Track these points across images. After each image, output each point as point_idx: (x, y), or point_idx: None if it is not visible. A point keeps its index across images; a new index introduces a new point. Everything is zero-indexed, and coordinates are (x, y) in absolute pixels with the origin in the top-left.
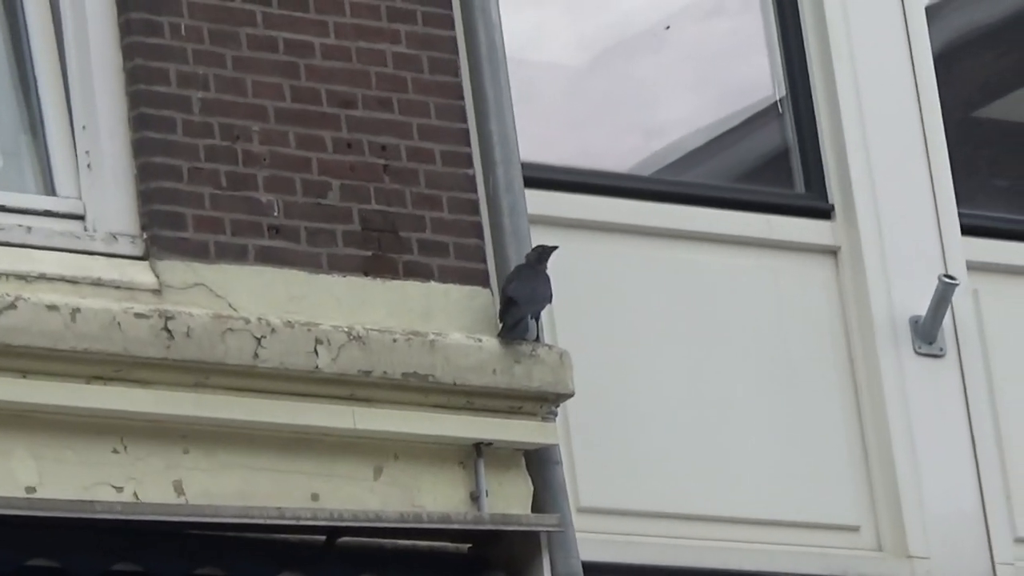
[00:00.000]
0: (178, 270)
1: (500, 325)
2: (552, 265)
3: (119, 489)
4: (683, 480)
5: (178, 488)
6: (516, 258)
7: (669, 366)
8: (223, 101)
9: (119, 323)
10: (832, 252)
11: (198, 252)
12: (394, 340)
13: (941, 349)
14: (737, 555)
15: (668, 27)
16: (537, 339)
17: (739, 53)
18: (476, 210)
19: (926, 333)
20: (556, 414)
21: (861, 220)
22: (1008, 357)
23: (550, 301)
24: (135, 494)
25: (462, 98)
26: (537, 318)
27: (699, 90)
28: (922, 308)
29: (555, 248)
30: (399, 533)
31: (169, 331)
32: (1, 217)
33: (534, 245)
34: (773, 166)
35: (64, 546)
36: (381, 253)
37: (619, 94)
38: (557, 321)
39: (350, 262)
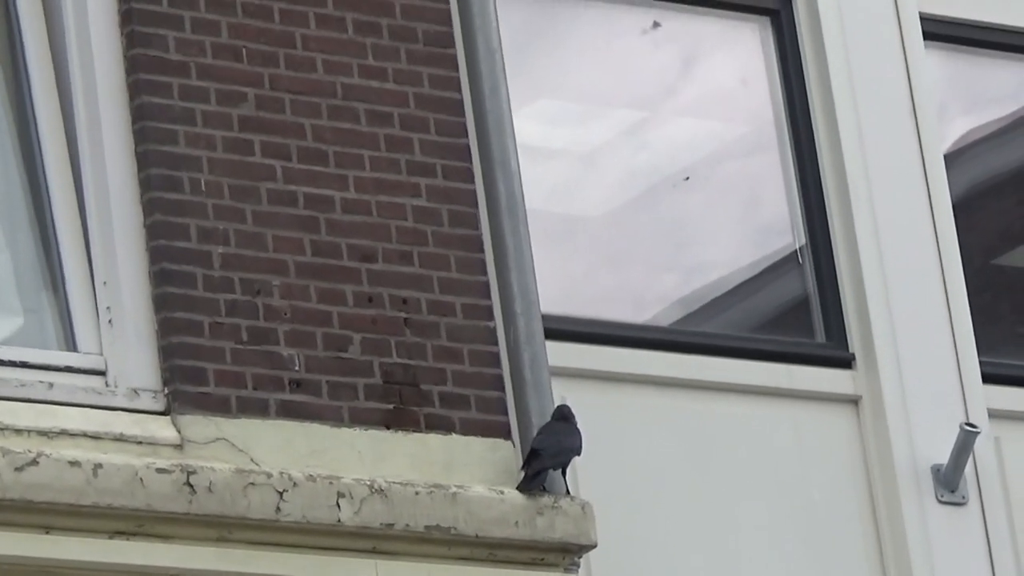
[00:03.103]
0: (200, 425)
1: (521, 475)
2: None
3: None
4: None
5: None
6: (537, 410)
7: (691, 517)
8: (243, 256)
9: (141, 478)
10: (853, 401)
11: (219, 407)
12: (416, 493)
13: (963, 497)
14: None
15: (687, 178)
16: (568, 492)
17: (757, 201)
18: (497, 362)
19: (948, 481)
20: (579, 565)
21: (882, 369)
22: None
23: (578, 454)
24: None
25: (482, 251)
26: (564, 471)
27: (720, 239)
28: (944, 456)
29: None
30: None
31: (191, 486)
32: (23, 373)
33: (557, 399)
34: (793, 315)
35: None
36: (402, 406)
37: (638, 245)
38: (579, 472)
39: (372, 415)
